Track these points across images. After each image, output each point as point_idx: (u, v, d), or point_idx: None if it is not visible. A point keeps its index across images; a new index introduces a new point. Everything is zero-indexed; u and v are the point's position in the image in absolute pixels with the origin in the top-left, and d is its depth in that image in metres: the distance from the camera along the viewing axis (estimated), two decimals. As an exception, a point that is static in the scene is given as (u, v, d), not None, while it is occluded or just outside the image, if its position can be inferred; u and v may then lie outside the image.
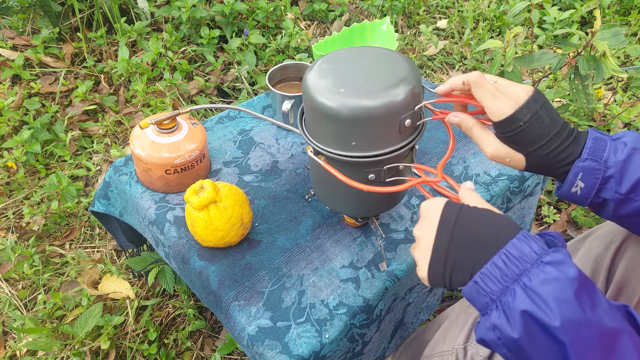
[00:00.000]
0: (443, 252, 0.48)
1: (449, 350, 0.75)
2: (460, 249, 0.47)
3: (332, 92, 0.59)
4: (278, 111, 1.00)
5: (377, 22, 1.27)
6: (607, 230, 0.69)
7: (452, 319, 0.80)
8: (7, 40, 1.70)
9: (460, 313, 0.79)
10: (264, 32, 1.90)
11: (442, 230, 0.48)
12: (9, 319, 1.14)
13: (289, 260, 0.78)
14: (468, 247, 0.47)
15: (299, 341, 0.68)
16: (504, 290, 0.44)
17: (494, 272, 0.44)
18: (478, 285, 0.45)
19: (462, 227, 0.48)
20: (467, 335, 0.73)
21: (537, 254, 0.44)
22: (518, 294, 0.43)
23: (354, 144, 0.61)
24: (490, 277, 0.45)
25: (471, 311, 0.76)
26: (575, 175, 0.54)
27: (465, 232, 0.47)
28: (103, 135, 1.58)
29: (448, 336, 0.77)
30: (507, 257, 0.44)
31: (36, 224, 1.33)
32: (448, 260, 0.48)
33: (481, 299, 0.46)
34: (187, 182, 0.86)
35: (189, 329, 1.12)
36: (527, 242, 0.44)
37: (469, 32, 2.03)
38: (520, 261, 0.44)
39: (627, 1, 2.17)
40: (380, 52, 0.64)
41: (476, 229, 0.47)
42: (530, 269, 0.43)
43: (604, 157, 0.53)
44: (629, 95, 1.72)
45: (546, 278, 0.42)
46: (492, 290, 0.45)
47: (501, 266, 0.44)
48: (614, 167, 0.53)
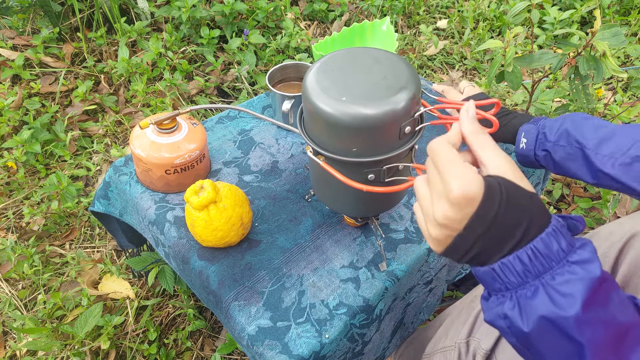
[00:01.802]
0: (469, 243, 0.44)
1: (451, 346, 0.75)
2: (489, 240, 0.43)
3: (333, 99, 0.59)
4: (278, 111, 1.00)
5: (377, 22, 1.27)
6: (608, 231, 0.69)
7: (454, 316, 0.80)
8: (7, 40, 1.70)
9: (462, 309, 0.79)
10: (264, 32, 1.90)
11: (476, 223, 0.43)
12: (9, 319, 1.14)
13: (289, 260, 0.78)
14: (498, 240, 0.43)
15: (298, 341, 0.68)
16: (523, 284, 0.43)
17: (516, 266, 0.43)
18: (495, 272, 0.44)
19: (498, 223, 0.43)
20: (470, 330, 0.73)
21: (565, 251, 0.42)
22: (537, 292, 0.42)
23: (354, 150, 0.61)
24: (511, 269, 0.43)
25: (474, 306, 0.76)
26: (519, 134, 0.79)
27: (499, 227, 0.43)
28: (103, 135, 1.59)
29: (450, 332, 0.77)
30: (534, 254, 0.42)
31: (36, 224, 1.33)
32: (472, 250, 0.45)
33: (495, 285, 0.44)
34: (187, 182, 0.86)
35: (189, 329, 1.12)
36: (555, 237, 0.42)
37: (469, 32, 2.03)
38: (546, 259, 0.42)
39: (627, 1, 2.17)
40: (380, 55, 0.64)
41: (510, 223, 0.43)
42: (555, 268, 0.42)
43: (539, 122, 0.78)
44: (629, 95, 1.72)
45: (571, 278, 0.41)
46: (510, 282, 0.43)
47: (525, 262, 0.42)
48: (546, 127, 0.76)
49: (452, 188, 0.42)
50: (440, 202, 0.44)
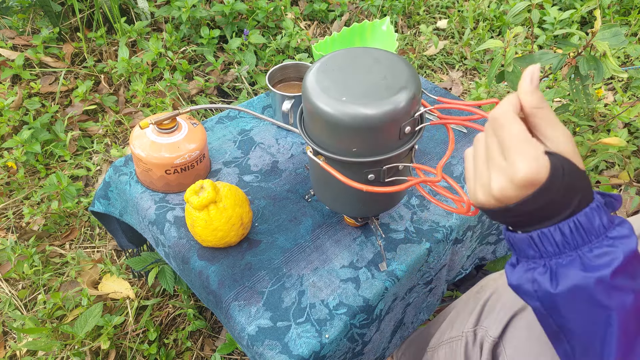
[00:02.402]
0: (515, 215, 0.44)
1: (457, 336, 0.74)
2: (535, 215, 0.44)
3: (333, 99, 0.59)
4: (278, 111, 1.00)
5: (377, 22, 1.27)
6: None
7: (460, 308, 0.79)
8: (7, 40, 1.70)
9: (469, 299, 0.78)
10: (264, 32, 1.90)
11: (530, 203, 0.42)
12: (9, 319, 1.14)
13: (289, 260, 0.78)
14: (544, 216, 0.43)
15: (298, 341, 0.68)
16: (559, 254, 0.43)
17: (555, 236, 0.43)
18: (533, 240, 0.44)
19: (550, 204, 0.43)
20: (477, 319, 0.72)
21: (605, 227, 0.43)
22: (573, 262, 0.42)
23: (354, 150, 0.61)
24: (549, 239, 0.43)
25: (480, 296, 0.74)
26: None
27: (550, 206, 0.43)
28: (103, 135, 1.58)
29: (456, 323, 0.76)
30: (576, 227, 0.43)
31: (36, 224, 1.33)
32: (514, 219, 0.45)
33: (528, 251, 0.45)
34: (187, 182, 0.86)
35: (189, 329, 1.12)
36: (598, 213, 0.43)
37: (469, 32, 2.03)
38: (587, 233, 0.42)
39: (627, 1, 2.17)
40: (380, 55, 0.64)
41: (562, 203, 0.43)
42: (594, 242, 0.42)
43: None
44: (629, 95, 1.72)
45: (608, 251, 0.42)
46: (546, 251, 0.43)
47: (566, 233, 0.43)
48: None
49: (518, 170, 0.41)
50: (499, 177, 0.43)
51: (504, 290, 0.70)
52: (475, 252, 0.98)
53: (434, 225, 0.83)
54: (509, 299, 0.68)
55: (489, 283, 0.75)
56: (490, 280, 0.76)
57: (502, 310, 0.67)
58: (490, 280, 0.76)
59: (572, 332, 0.45)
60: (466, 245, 0.91)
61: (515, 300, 0.67)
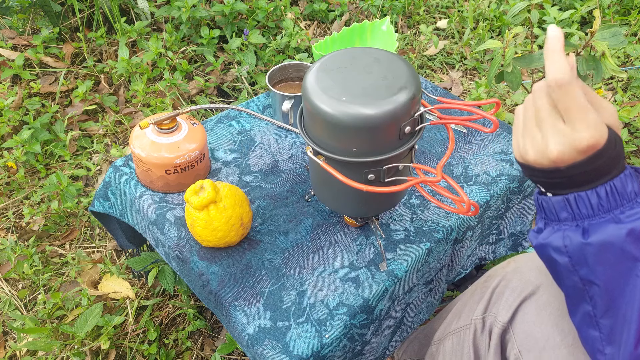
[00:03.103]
0: (559, 177, 0.47)
1: (465, 325, 0.74)
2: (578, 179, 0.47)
3: (333, 99, 0.59)
4: (278, 111, 1.00)
5: (377, 22, 1.27)
6: None
7: (466, 298, 0.79)
8: (7, 40, 1.70)
9: (475, 289, 0.77)
10: (264, 32, 1.90)
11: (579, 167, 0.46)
12: (9, 319, 1.14)
13: (289, 260, 0.78)
14: (586, 181, 0.46)
15: (299, 341, 0.68)
16: (593, 216, 0.46)
17: (591, 199, 0.46)
18: (568, 202, 0.47)
19: (595, 171, 0.46)
20: (486, 306, 0.72)
21: (636, 193, 0.46)
22: (606, 223, 0.45)
23: (354, 150, 0.61)
24: (585, 201, 0.46)
25: (488, 285, 0.74)
26: None
27: (594, 172, 0.46)
28: (103, 135, 1.59)
29: (464, 313, 0.76)
30: (612, 190, 0.46)
31: (36, 224, 1.33)
32: (560, 180, 0.47)
33: (561, 214, 0.47)
34: (187, 182, 0.86)
35: (189, 329, 1.12)
36: (631, 180, 0.46)
37: (469, 32, 2.03)
38: (621, 196, 0.45)
39: (627, 1, 2.17)
40: (380, 55, 0.64)
41: (605, 171, 0.46)
42: (625, 205, 0.45)
43: None
44: (629, 95, 1.72)
45: (637, 213, 0.45)
46: (580, 213, 0.46)
47: (602, 196, 0.46)
48: None
49: (582, 137, 0.44)
50: (559, 141, 0.45)
51: (513, 275, 0.70)
52: (475, 252, 0.98)
53: (434, 225, 0.83)
54: (518, 285, 0.68)
55: (497, 271, 0.75)
56: (498, 268, 0.76)
57: (511, 295, 0.68)
58: (499, 269, 0.75)
59: (597, 288, 0.47)
60: (466, 245, 0.91)
61: (525, 285, 0.67)
